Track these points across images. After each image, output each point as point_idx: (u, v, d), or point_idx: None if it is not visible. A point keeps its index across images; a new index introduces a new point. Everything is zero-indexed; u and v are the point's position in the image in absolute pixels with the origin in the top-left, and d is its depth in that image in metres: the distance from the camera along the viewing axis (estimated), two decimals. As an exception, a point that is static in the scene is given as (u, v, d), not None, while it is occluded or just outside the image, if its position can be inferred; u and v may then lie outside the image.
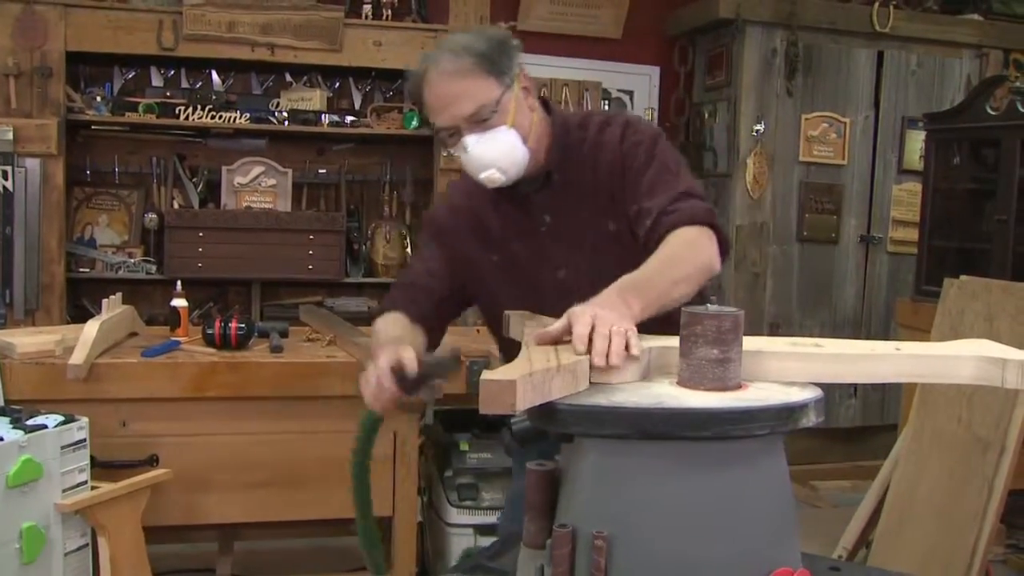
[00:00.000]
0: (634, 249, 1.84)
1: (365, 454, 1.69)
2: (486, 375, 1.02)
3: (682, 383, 1.18)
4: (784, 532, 1.16)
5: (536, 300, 1.83)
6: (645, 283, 1.51)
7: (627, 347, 1.23)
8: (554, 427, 1.12)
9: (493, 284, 1.97)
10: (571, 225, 1.91)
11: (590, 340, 1.23)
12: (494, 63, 1.80)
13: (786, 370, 1.24)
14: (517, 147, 1.83)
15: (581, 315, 1.30)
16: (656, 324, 1.42)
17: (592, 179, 1.90)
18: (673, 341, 1.24)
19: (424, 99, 1.84)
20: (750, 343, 1.23)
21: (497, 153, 1.82)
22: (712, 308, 1.17)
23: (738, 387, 1.18)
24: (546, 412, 1.10)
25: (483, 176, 1.85)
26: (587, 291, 1.67)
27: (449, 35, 1.92)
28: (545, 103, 1.98)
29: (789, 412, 1.12)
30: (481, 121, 1.80)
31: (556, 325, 1.33)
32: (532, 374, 1.03)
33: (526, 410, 1.11)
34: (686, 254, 1.65)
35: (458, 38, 1.87)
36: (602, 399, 1.11)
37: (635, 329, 1.29)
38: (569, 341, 1.24)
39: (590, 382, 1.16)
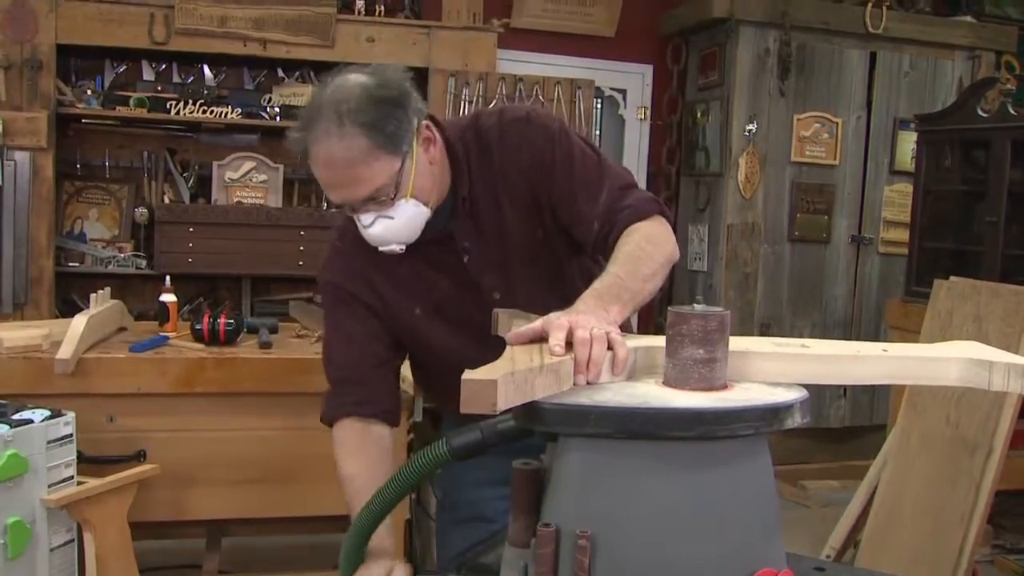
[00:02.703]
0: (566, 250, 1.79)
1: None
2: (467, 375, 1.01)
3: (667, 383, 1.18)
4: (768, 532, 1.16)
5: (473, 332, 1.70)
6: (617, 286, 1.45)
7: (610, 347, 1.22)
8: (538, 426, 1.11)
9: (423, 332, 1.81)
10: (494, 244, 1.77)
11: (568, 345, 1.20)
12: (388, 137, 1.57)
13: (772, 371, 1.23)
14: (417, 215, 1.67)
15: (557, 320, 1.26)
16: None
17: (505, 188, 1.75)
18: (659, 341, 1.23)
19: (312, 167, 1.64)
20: (736, 343, 1.23)
21: (397, 230, 1.66)
22: (698, 308, 1.17)
23: (724, 387, 1.18)
24: (530, 411, 1.10)
25: (383, 249, 1.70)
26: (529, 302, 1.63)
27: (335, 81, 1.68)
28: (435, 123, 1.77)
29: (774, 413, 1.12)
30: (381, 200, 1.62)
31: (531, 326, 1.28)
32: (514, 373, 1.03)
33: (511, 409, 1.11)
34: (649, 249, 1.56)
35: (341, 95, 1.61)
36: (586, 398, 1.11)
37: (618, 330, 1.28)
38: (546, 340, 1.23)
39: (574, 381, 1.15)
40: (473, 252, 1.77)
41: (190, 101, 4.20)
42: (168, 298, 2.87)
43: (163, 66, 4.47)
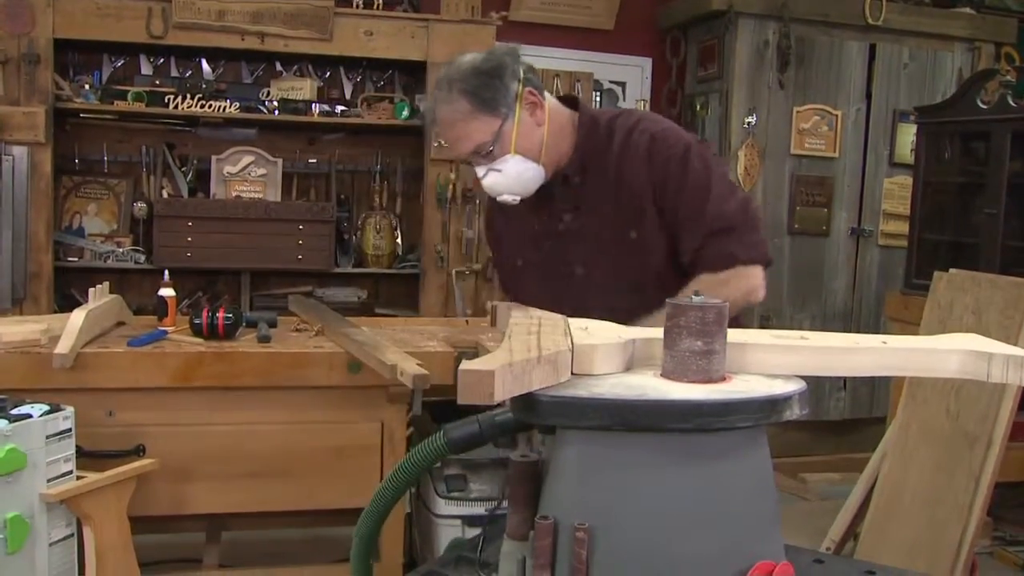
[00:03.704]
0: (656, 256, 1.93)
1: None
2: (465, 365, 1.01)
3: (666, 375, 1.18)
4: (767, 525, 1.16)
5: (553, 295, 1.85)
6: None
7: None
8: (536, 418, 1.11)
9: (519, 281, 2.13)
10: (589, 225, 1.97)
11: None
12: (486, 101, 1.86)
13: (771, 362, 1.23)
14: (526, 170, 1.92)
15: None
16: None
17: (615, 186, 1.94)
18: (657, 332, 1.23)
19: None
20: (734, 335, 1.22)
21: (507, 182, 1.93)
22: (696, 300, 1.16)
23: (722, 379, 1.17)
24: (528, 404, 1.09)
25: (499, 199, 1.97)
26: (604, 288, 1.84)
27: (451, 63, 1.96)
28: (572, 101, 2.04)
29: (772, 404, 1.12)
30: (486, 154, 1.90)
31: None
32: (512, 364, 1.03)
33: (509, 401, 1.11)
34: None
35: (453, 70, 1.91)
36: (584, 390, 1.10)
37: None
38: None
39: (572, 373, 1.15)
40: (570, 225, 1.99)
41: (188, 95, 4.19)
42: (167, 292, 2.87)
43: (161, 60, 4.46)
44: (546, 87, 4.42)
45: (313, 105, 4.34)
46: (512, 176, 1.92)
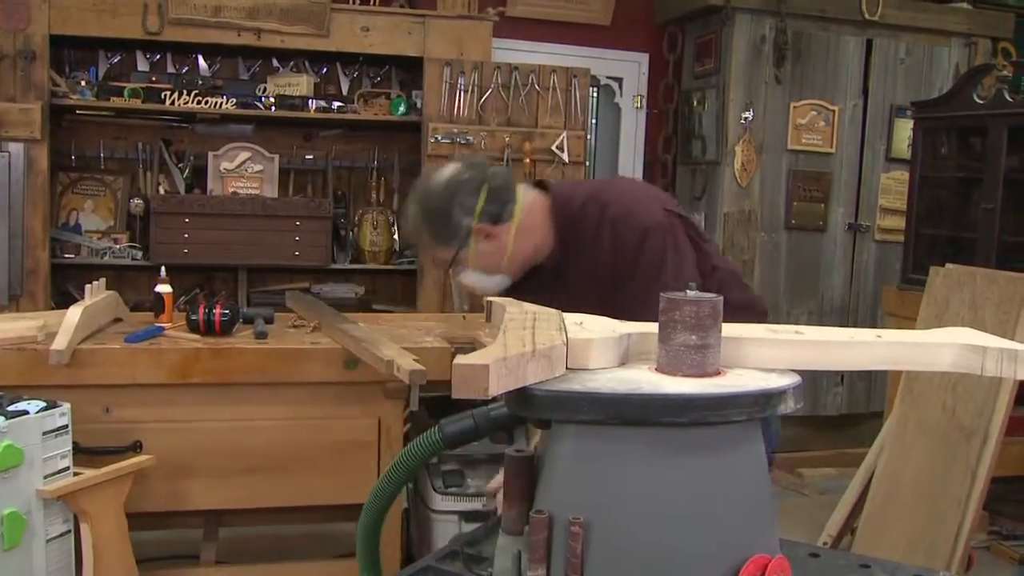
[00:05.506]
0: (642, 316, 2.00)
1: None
2: (459, 359, 1.00)
3: (660, 369, 1.18)
4: (762, 518, 1.16)
5: None
6: None
7: None
8: (530, 413, 1.11)
9: None
10: (572, 297, 2.06)
11: None
12: (439, 235, 2.10)
13: (766, 357, 1.23)
14: (486, 280, 2.16)
15: None
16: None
17: (591, 269, 2.07)
18: (652, 327, 1.23)
19: None
20: (729, 329, 1.22)
21: (472, 283, 2.20)
22: (691, 294, 1.16)
23: (717, 373, 1.17)
24: (522, 398, 1.09)
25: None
26: None
27: (422, 184, 2.19)
28: (543, 185, 2.20)
29: (767, 398, 1.11)
30: (450, 267, 2.18)
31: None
32: (506, 358, 1.03)
33: (503, 395, 1.11)
34: None
35: (420, 194, 2.14)
36: (578, 384, 1.10)
37: None
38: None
39: (567, 367, 1.15)
40: (556, 296, 2.09)
41: (185, 91, 4.18)
42: (164, 289, 2.87)
43: (157, 56, 4.46)
44: (543, 83, 4.44)
45: (310, 101, 4.34)
46: (474, 282, 2.19)
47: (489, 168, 2.15)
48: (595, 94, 5.34)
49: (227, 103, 4.24)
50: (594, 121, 5.41)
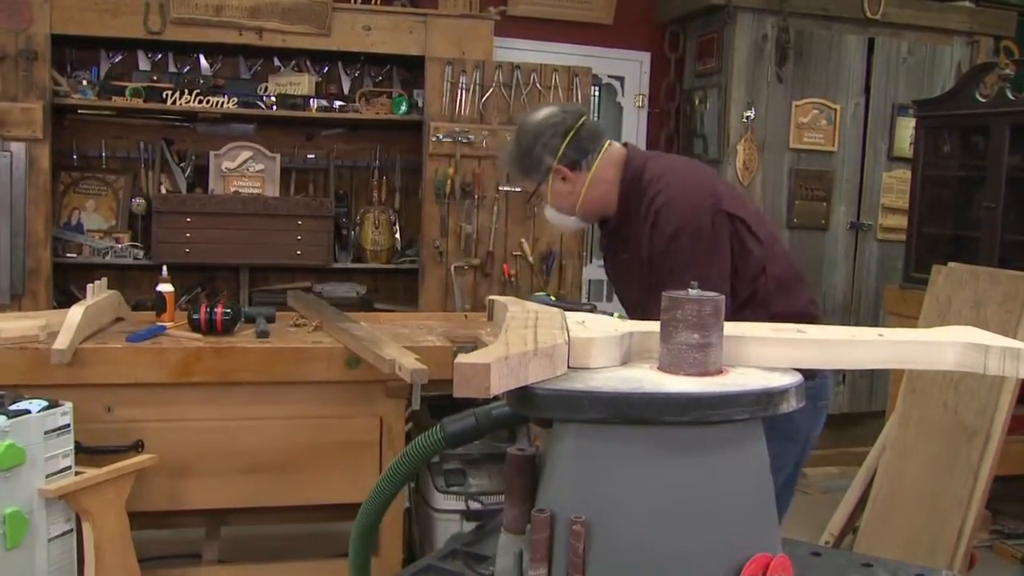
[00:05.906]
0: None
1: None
2: (461, 358, 1.00)
3: (662, 368, 1.17)
4: (764, 517, 1.16)
5: (631, 305, 2.35)
6: None
7: None
8: (532, 412, 1.11)
9: (615, 284, 2.51)
10: (625, 255, 2.31)
11: None
12: (523, 168, 2.31)
13: (768, 356, 1.23)
14: (559, 219, 2.40)
15: None
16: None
17: (637, 240, 2.21)
18: (654, 326, 1.23)
19: None
20: (731, 328, 1.22)
21: (550, 218, 2.43)
22: (693, 293, 1.16)
23: (719, 372, 1.17)
24: (524, 397, 1.09)
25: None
26: (635, 300, 2.25)
27: (524, 118, 2.38)
28: (627, 158, 2.31)
29: (769, 397, 1.11)
30: (532, 198, 2.48)
31: None
32: (508, 357, 1.02)
33: (505, 394, 1.10)
34: None
35: (518, 131, 2.33)
36: (580, 383, 1.10)
37: None
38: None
39: (568, 366, 1.15)
40: (614, 252, 2.40)
41: (186, 91, 4.18)
42: (165, 288, 2.87)
43: (159, 56, 4.46)
44: (545, 82, 4.43)
45: (311, 100, 4.34)
46: (551, 219, 2.42)
47: (583, 117, 2.29)
48: (597, 93, 5.33)
49: (228, 102, 4.23)
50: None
